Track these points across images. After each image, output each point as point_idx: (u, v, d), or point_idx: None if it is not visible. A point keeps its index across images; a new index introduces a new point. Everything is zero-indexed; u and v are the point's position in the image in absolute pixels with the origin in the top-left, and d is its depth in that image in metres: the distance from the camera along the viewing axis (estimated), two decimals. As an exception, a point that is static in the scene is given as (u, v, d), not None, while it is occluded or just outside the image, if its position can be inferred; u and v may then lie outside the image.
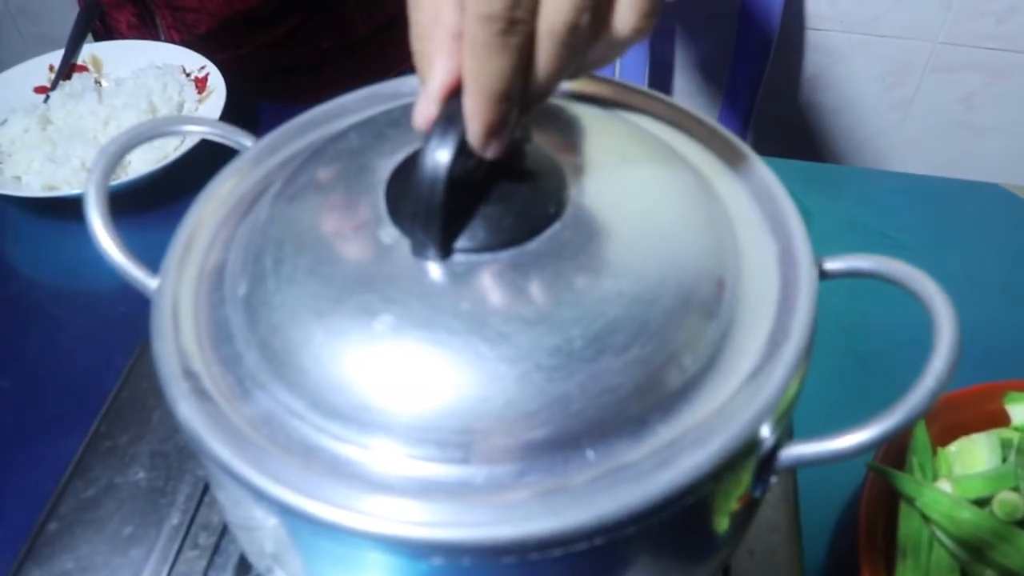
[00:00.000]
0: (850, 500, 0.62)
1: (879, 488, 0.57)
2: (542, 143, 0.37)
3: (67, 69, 0.97)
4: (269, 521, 0.37)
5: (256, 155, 0.44)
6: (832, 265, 0.40)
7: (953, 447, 0.60)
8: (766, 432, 0.32)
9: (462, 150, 0.32)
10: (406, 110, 0.37)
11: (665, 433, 0.31)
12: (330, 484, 0.30)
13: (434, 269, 0.33)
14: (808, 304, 0.35)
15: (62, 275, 0.80)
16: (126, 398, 0.59)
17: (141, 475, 0.55)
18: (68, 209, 0.82)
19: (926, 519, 0.56)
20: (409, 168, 0.36)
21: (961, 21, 1.41)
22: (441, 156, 0.31)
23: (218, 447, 0.31)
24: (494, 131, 0.32)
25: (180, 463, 0.55)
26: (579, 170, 0.37)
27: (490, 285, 0.33)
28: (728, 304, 0.35)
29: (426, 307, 0.32)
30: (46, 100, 0.93)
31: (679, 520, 0.34)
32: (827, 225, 0.84)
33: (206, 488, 0.54)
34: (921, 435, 0.60)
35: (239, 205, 0.41)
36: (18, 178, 0.85)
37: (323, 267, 0.34)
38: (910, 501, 0.57)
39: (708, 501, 0.34)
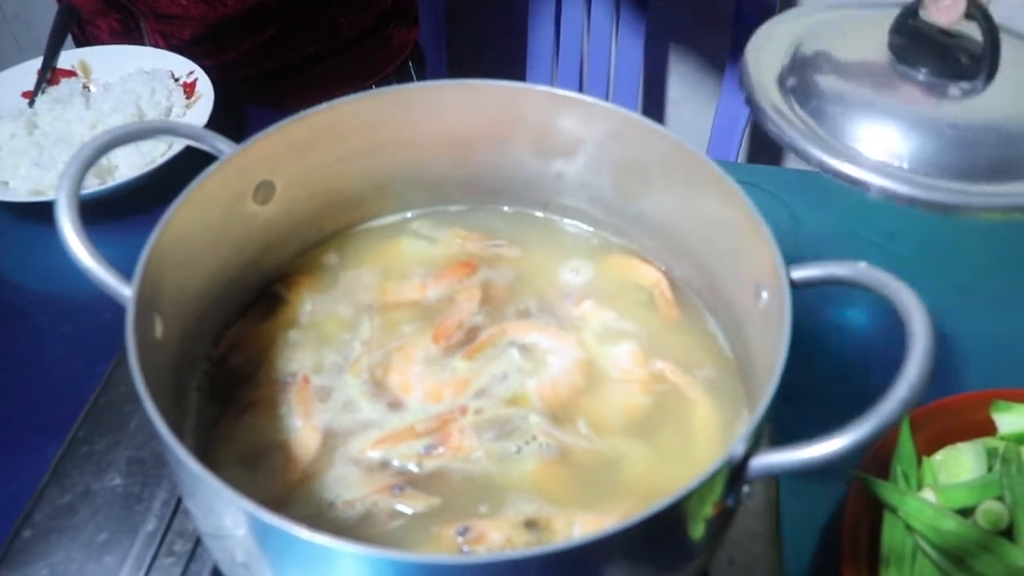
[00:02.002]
0: (834, 509, 0.61)
1: (863, 497, 0.57)
2: None
3: (50, 73, 0.97)
4: (239, 530, 0.37)
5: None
6: (809, 273, 0.40)
7: (938, 456, 0.60)
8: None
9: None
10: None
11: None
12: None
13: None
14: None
15: (47, 280, 0.80)
16: (104, 404, 0.59)
17: (117, 481, 0.55)
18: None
19: (909, 529, 0.56)
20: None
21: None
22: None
23: None
24: None
25: (157, 470, 0.55)
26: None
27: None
28: None
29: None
30: (31, 105, 0.93)
31: (655, 526, 0.33)
32: (818, 233, 0.83)
33: (183, 495, 0.54)
34: (906, 444, 0.59)
35: None
36: (5, 183, 0.85)
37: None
38: (893, 510, 0.56)
39: (682, 508, 0.34)
